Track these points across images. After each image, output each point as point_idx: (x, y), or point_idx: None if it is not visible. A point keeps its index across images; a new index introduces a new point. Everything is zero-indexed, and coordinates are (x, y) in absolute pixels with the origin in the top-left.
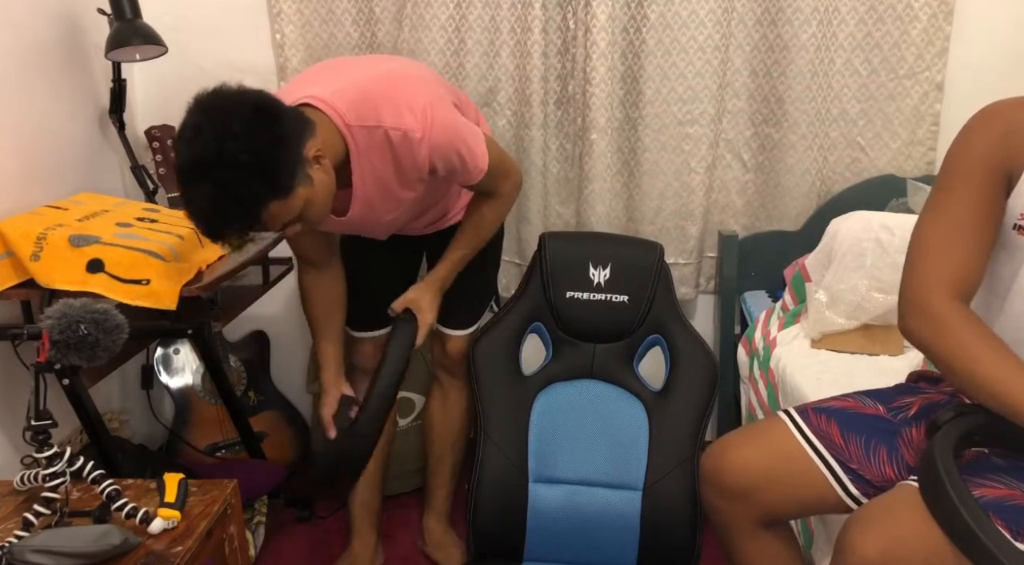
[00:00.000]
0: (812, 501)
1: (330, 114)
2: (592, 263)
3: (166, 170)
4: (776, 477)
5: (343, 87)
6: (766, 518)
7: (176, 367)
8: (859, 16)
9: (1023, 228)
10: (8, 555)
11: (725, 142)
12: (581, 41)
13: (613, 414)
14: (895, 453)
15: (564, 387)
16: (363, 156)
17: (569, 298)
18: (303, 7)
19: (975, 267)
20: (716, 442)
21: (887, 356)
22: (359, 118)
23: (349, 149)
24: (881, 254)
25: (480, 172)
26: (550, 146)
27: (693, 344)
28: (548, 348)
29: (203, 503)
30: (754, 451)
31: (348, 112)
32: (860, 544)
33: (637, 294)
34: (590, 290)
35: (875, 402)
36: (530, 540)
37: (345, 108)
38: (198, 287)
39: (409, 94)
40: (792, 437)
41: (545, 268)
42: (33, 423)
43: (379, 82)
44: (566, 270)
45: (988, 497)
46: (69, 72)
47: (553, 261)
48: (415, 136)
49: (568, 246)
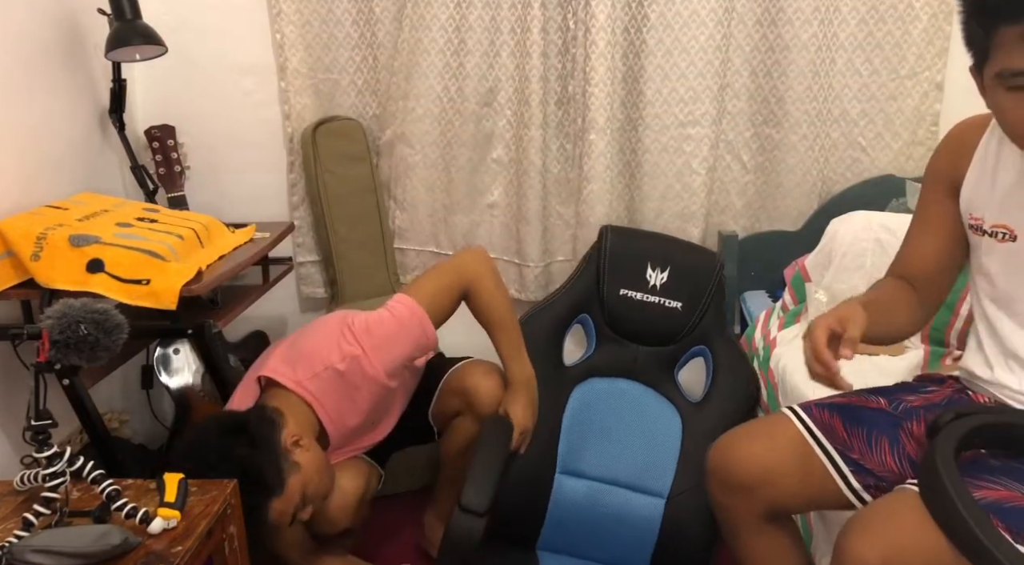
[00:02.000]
0: (815, 494)
1: (282, 381)
2: (651, 264)
3: (166, 170)
4: (780, 471)
5: (281, 353)
6: (770, 512)
7: (176, 367)
8: (860, 16)
9: (973, 227)
10: (8, 555)
11: (725, 143)
12: (581, 41)
13: (649, 418)
14: (897, 444)
15: (603, 383)
16: (325, 401)
17: (623, 296)
18: (303, 7)
19: (920, 255)
20: (721, 438)
21: (887, 356)
22: (305, 371)
23: (310, 403)
24: (881, 254)
25: (430, 329)
26: (550, 146)
27: (737, 360)
28: (591, 341)
29: (203, 503)
30: (759, 446)
31: (292, 371)
32: (860, 549)
33: (691, 302)
34: (645, 291)
35: (877, 397)
36: (547, 529)
37: (289, 369)
38: (198, 287)
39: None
40: (796, 431)
41: (604, 262)
42: (33, 423)
43: (300, 337)
44: (624, 267)
45: (988, 499)
46: (69, 72)
47: (613, 256)
48: (359, 355)
49: (630, 243)
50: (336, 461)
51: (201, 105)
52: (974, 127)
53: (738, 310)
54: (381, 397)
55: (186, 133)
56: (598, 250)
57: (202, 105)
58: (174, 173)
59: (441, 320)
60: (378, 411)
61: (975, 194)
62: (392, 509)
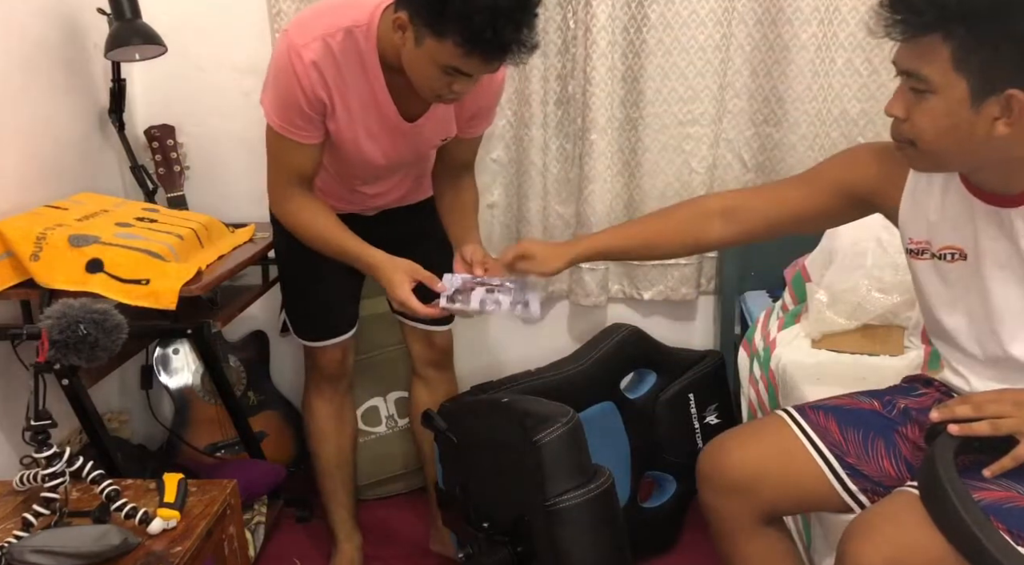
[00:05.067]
0: (810, 497)
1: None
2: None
3: (165, 170)
4: (775, 472)
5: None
6: (764, 515)
7: (176, 367)
8: (860, 16)
9: (914, 251)
10: (8, 555)
11: (725, 142)
12: (581, 41)
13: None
14: (892, 447)
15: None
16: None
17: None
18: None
19: (778, 198)
20: (713, 441)
21: (887, 356)
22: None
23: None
24: (881, 254)
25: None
26: (550, 146)
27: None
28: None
29: (203, 503)
30: (753, 447)
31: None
32: (863, 553)
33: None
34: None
35: (870, 399)
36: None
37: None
38: (198, 287)
39: None
40: (791, 433)
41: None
42: (32, 423)
43: None
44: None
45: (987, 500)
46: (69, 72)
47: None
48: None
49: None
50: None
51: (201, 105)
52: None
53: (738, 310)
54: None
55: (186, 133)
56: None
57: (202, 105)
58: (174, 173)
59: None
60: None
61: (913, 218)
62: (391, 509)
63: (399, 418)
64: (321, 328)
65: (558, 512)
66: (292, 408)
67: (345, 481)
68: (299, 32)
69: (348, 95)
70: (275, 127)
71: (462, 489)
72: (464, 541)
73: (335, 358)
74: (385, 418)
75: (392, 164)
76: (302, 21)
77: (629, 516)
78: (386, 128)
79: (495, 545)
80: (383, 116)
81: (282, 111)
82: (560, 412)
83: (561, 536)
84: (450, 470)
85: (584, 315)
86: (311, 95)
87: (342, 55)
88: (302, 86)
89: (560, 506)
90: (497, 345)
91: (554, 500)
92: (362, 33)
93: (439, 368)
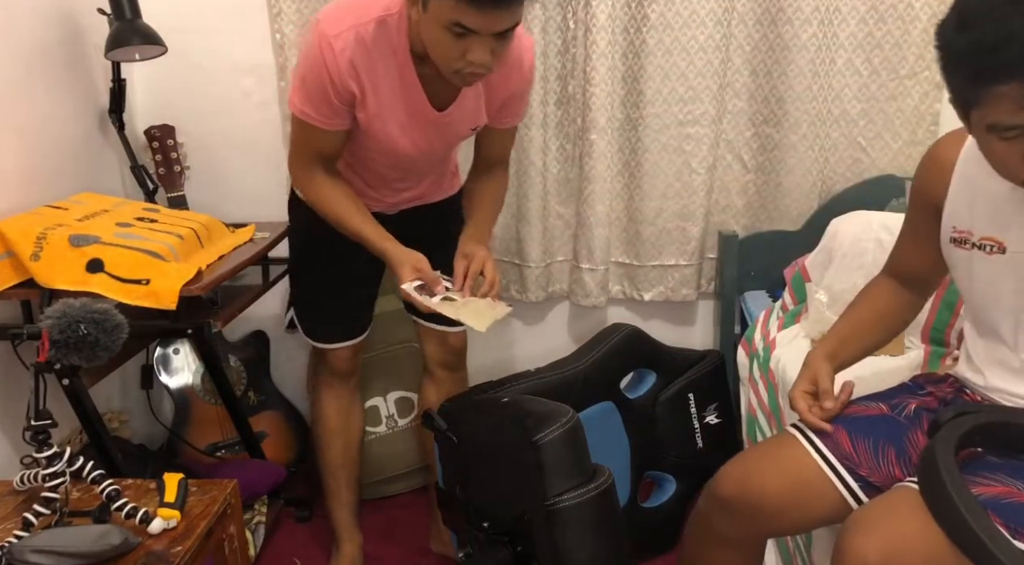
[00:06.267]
0: (824, 519)
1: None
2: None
3: (166, 170)
4: (796, 502)
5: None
6: (764, 538)
7: (176, 367)
8: (860, 16)
9: (957, 240)
10: (8, 555)
11: (726, 142)
12: (581, 41)
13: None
14: (904, 456)
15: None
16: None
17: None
18: (303, 7)
19: (908, 261)
20: (733, 465)
21: (887, 356)
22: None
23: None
24: (881, 254)
25: (526, 109)
26: (550, 146)
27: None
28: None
29: (203, 503)
30: (774, 477)
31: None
32: (861, 547)
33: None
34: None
35: (877, 403)
36: None
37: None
38: (198, 287)
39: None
40: (808, 456)
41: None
42: (33, 423)
43: None
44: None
45: (985, 495)
46: (69, 72)
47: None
48: (527, 42)
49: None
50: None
51: (201, 105)
52: (951, 144)
53: (738, 310)
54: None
55: (186, 133)
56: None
57: (202, 105)
58: (174, 173)
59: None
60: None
61: (959, 207)
62: (391, 509)
63: (399, 418)
64: (333, 334)
65: (558, 512)
66: (292, 408)
67: (349, 480)
68: (331, 23)
69: (379, 85)
70: (297, 113)
71: (462, 489)
72: (464, 541)
73: (345, 357)
74: (385, 418)
75: (422, 153)
76: (334, 11)
77: (629, 516)
78: (416, 117)
79: (495, 545)
80: (413, 105)
81: (307, 100)
82: (560, 412)
83: (561, 536)
84: (450, 470)
85: (584, 315)
86: (340, 86)
87: (374, 45)
88: (331, 77)
89: (560, 506)
90: (497, 345)
91: (554, 500)
92: (394, 22)
93: (451, 369)
